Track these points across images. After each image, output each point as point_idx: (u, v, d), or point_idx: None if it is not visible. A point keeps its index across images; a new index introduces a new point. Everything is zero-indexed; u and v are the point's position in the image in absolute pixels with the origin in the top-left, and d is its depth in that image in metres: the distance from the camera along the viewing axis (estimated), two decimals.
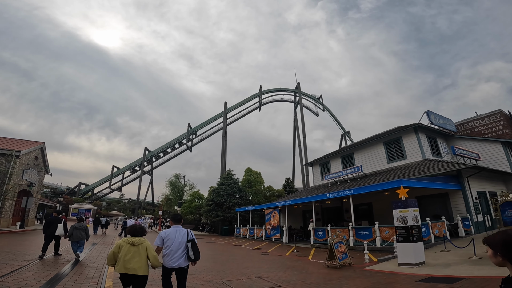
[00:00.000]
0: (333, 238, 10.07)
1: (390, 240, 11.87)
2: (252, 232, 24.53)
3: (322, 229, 16.39)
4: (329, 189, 21.58)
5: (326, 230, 15.75)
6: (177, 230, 4.74)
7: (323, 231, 16.09)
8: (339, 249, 9.51)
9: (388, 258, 10.22)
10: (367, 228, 13.75)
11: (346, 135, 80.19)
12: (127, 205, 74.05)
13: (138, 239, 4.37)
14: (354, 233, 14.24)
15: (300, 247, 16.25)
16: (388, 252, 11.50)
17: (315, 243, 16.39)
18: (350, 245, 13.73)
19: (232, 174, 37.06)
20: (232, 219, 33.02)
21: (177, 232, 4.70)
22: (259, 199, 35.99)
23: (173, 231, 4.68)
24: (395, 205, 9.00)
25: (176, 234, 4.66)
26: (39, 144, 24.91)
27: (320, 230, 16.37)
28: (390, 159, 21.51)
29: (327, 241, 15.05)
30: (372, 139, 23.61)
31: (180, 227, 4.83)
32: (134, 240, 4.32)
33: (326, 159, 28.28)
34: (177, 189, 49.46)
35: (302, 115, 69.84)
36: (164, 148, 70.09)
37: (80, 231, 10.23)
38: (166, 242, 4.57)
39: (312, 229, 16.78)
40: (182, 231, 4.75)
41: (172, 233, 4.65)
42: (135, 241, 4.31)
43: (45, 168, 26.06)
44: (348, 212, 21.46)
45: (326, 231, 15.69)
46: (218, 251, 16.21)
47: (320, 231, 16.35)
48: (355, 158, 24.43)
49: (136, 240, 4.33)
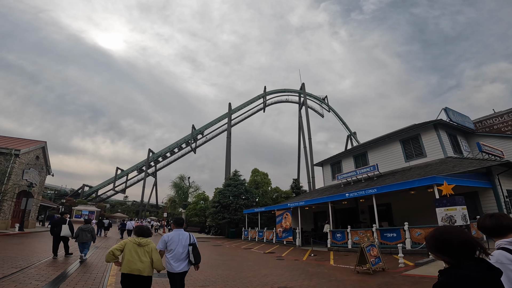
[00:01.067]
0: (364, 241, 8.94)
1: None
2: (262, 235, 23.39)
3: (341, 231, 15.25)
4: (344, 189, 20.47)
5: (345, 232, 14.62)
6: (180, 233, 4.72)
7: (342, 234, 14.96)
8: (371, 253, 8.42)
9: (427, 261, 9.09)
10: (394, 230, 12.61)
11: (352, 136, 78.98)
12: (131, 207, 73.33)
13: (145, 240, 4.32)
14: (379, 235, 13.10)
15: (316, 250, 15.16)
16: (421, 255, 10.36)
17: (333, 246, 15.27)
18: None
19: (239, 175, 36.02)
20: (239, 221, 31.94)
21: (180, 235, 4.68)
22: (266, 200, 34.87)
23: (176, 235, 4.66)
24: (439, 203, 7.92)
25: (179, 238, 4.64)
26: (40, 143, 23.89)
27: (339, 232, 15.24)
28: (408, 158, 20.34)
29: (346, 244, 13.97)
30: (387, 136, 22.49)
31: (182, 231, 4.81)
32: (141, 240, 4.27)
33: (337, 159, 27.16)
34: (181, 191, 48.35)
35: (307, 116, 68.74)
36: (168, 150, 69.27)
37: (86, 232, 10.30)
38: (169, 246, 4.55)
39: (329, 231, 15.65)
40: (185, 235, 4.74)
41: (175, 236, 4.63)
42: (142, 241, 4.27)
43: (47, 168, 25.04)
44: (365, 213, 20.43)
45: (345, 233, 14.57)
46: (228, 255, 15.12)
47: (338, 233, 15.22)
48: (369, 157, 23.28)
49: (143, 240, 4.29)
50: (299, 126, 76.47)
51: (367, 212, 19.97)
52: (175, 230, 4.81)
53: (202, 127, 70.40)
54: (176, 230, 4.78)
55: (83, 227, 10.45)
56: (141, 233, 4.46)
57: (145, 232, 4.51)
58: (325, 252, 14.78)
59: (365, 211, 20.15)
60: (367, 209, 19.96)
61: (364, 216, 20.03)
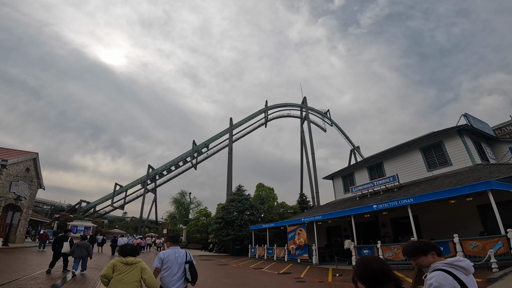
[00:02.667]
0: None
1: (488, 256, 9.05)
2: (271, 253, 21.42)
3: (368, 246, 13.48)
4: (360, 202, 18.83)
5: (375, 248, 12.88)
6: (176, 251, 4.61)
7: (370, 250, 13.19)
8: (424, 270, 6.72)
9: (499, 276, 7.42)
10: (441, 243, 10.86)
11: (356, 150, 77.52)
12: (130, 223, 70.83)
13: (133, 258, 4.16)
14: None
15: (339, 269, 13.31)
16: (479, 269, 8.69)
17: None
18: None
19: (243, 190, 34.25)
20: (244, 238, 29.97)
21: (176, 253, 4.57)
22: (272, 216, 32.94)
23: (172, 252, 4.55)
24: None
25: (176, 256, 4.53)
26: (31, 155, 22.26)
27: (366, 248, 13.46)
28: (430, 167, 18.78)
29: None
30: (406, 145, 21.03)
31: (178, 248, 4.68)
32: (128, 259, 4.12)
33: (349, 171, 25.60)
34: (182, 207, 46.37)
35: (309, 131, 67.66)
36: (168, 166, 67.62)
37: (82, 249, 10.43)
38: (165, 263, 4.41)
39: (354, 247, 13.87)
40: (181, 253, 4.62)
41: (171, 254, 4.53)
42: (130, 260, 4.11)
43: (38, 181, 23.31)
44: (386, 226, 18.66)
45: (375, 249, 12.82)
46: (239, 277, 13.28)
47: (365, 249, 13.45)
48: (385, 168, 21.70)
49: (130, 259, 4.13)
50: (301, 141, 75.21)
51: (389, 226, 18.25)
52: (171, 248, 4.66)
53: (203, 142, 69.09)
54: (172, 248, 4.64)
55: (79, 243, 10.60)
56: (124, 253, 4.18)
57: (129, 251, 4.21)
58: (349, 270, 12.97)
59: (386, 224, 18.41)
60: (389, 222, 18.25)
61: (386, 229, 18.27)
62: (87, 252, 10.59)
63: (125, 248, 4.31)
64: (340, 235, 22.51)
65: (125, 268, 4.04)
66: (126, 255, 4.18)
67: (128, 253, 4.21)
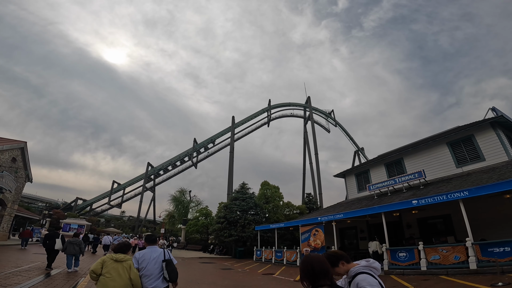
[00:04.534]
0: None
1: None
2: (280, 256, 19.45)
3: (406, 249, 11.51)
4: (380, 201, 16.98)
5: (415, 250, 10.98)
6: (153, 250, 4.46)
7: (408, 252, 11.27)
8: None
9: None
10: (504, 243, 8.98)
11: (360, 152, 75.73)
12: (127, 222, 68.80)
13: (123, 256, 4.18)
14: (479, 252, 9.48)
15: None
16: None
17: (393, 269, 11.55)
18: (469, 267, 9.24)
19: (247, 187, 32.33)
20: (247, 239, 28.03)
21: (152, 252, 4.41)
22: (278, 216, 30.98)
23: (148, 252, 4.41)
24: None
25: (152, 255, 4.37)
26: (19, 143, 20.08)
27: (403, 250, 11.51)
28: (459, 162, 16.94)
29: (417, 265, 10.39)
30: (431, 139, 19.27)
31: (156, 248, 4.58)
32: (118, 256, 4.14)
33: (363, 168, 23.76)
34: (181, 205, 44.38)
35: (313, 131, 65.97)
36: (168, 164, 65.66)
37: (75, 246, 10.68)
38: (141, 263, 4.28)
39: (386, 249, 11.95)
40: (158, 251, 4.48)
41: (147, 254, 4.37)
42: (120, 257, 4.14)
43: (26, 174, 21.27)
44: (412, 227, 16.79)
45: (415, 252, 10.92)
46: (248, 286, 11.33)
47: (402, 251, 11.49)
48: (406, 164, 19.86)
49: (120, 256, 4.15)
50: (304, 141, 73.57)
51: (415, 227, 16.41)
52: (148, 247, 4.56)
53: (204, 140, 67.24)
54: (149, 247, 4.54)
55: (72, 240, 10.88)
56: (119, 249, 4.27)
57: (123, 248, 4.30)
58: (381, 276, 10.98)
59: (412, 225, 16.54)
60: (415, 223, 16.39)
61: (412, 231, 16.40)
62: (79, 249, 10.83)
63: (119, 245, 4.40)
64: (356, 237, 20.63)
65: (115, 265, 4.03)
66: (119, 252, 4.23)
67: (119, 250, 4.26)
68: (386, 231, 12.59)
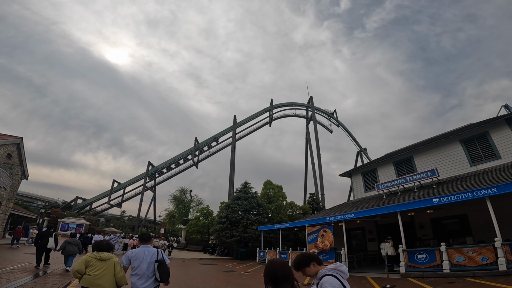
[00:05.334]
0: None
1: None
2: (286, 257, 18.67)
3: (426, 250, 10.72)
4: (390, 200, 16.22)
5: (436, 251, 10.21)
6: (146, 250, 4.39)
7: (429, 254, 10.47)
8: None
9: None
10: None
11: (363, 152, 74.85)
12: (127, 222, 68.09)
13: (107, 254, 4.22)
14: (509, 252, 8.74)
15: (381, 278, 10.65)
16: None
17: (411, 271, 10.76)
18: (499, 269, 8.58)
19: (250, 187, 31.56)
20: (250, 240, 27.26)
21: (145, 252, 4.35)
22: (281, 216, 30.21)
23: (141, 251, 4.34)
24: None
25: (145, 254, 4.31)
26: (14, 139, 19.27)
27: (422, 251, 10.70)
28: (474, 161, 16.17)
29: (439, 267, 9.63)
30: (443, 137, 18.52)
31: (149, 247, 4.49)
32: (102, 255, 4.16)
33: (370, 167, 22.98)
34: (182, 205, 43.63)
35: (315, 131, 65.20)
36: (169, 163, 64.92)
37: (73, 245, 10.80)
38: (133, 262, 4.25)
39: (403, 251, 11.16)
40: (152, 251, 4.42)
41: (140, 253, 4.32)
42: (104, 256, 4.16)
43: (22, 170, 20.49)
44: (425, 228, 16.02)
45: (436, 253, 10.15)
46: None
47: (422, 253, 10.69)
48: (416, 163, 19.10)
49: (104, 255, 4.17)
50: (306, 141, 72.75)
51: (428, 227, 15.65)
52: (142, 246, 4.50)
53: (208, 139, 66.56)
54: (143, 246, 4.48)
55: (70, 240, 11.01)
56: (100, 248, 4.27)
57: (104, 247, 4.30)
58: (398, 280, 10.31)
59: (425, 225, 15.77)
60: (429, 223, 15.62)
61: (424, 231, 15.63)
62: (78, 248, 11.01)
63: (100, 243, 4.36)
64: (364, 238, 19.88)
65: (100, 264, 4.05)
66: (100, 250, 4.23)
67: (103, 249, 4.26)
68: (402, 232, 11.81)
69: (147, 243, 4.54)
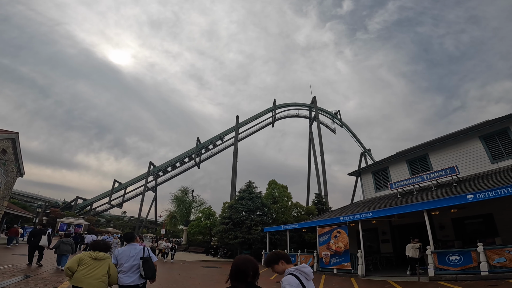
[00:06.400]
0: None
1: None
2: (294, 260, 17.66)
3: (461, 251, 9.65)
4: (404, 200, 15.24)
5: (472, 252, 9.19)
6: (132, 248, 4.56)
7: (463, 255, 9.44)
8: None
9: None
10: None
11: (367, 153, 73.65)
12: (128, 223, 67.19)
13: (102, 254, 4.22)
14: None
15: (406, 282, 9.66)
16: None
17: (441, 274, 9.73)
18: None
19: (254, 186, 30.60)
20: (254, 242, 26.27)
21: (131, 250, 4.51)
22: (286, 217, 29.21)
23: (127, 249, 4.52)
24: None
25: (130, 252, 4.46)
26: (9, 134, 18.31)
27: (456, 253, 9.66)
28: (495, 158, 15.19)
29: (476, 268, 8.64)
30: (461, 133, 17.56)
31: (136, 245, 4.65)
32: (97, 254, 4.16)
33: (381, 166, 21.97)
34: (184, 205, 42.65)
35: (319, 131, 64.29)
36: (171, 163, 64.06)
37: (67, 245, 10.87)
38: (119, 259, 4.41)
39: (432, 253, 10.15)
40: (137, 249, 4.56)
41: (125, 251, 4.49)
42: (99, 255, 4.15)
43: (18, 167, 19.56)
44: (445, 228, 14.99)
45: (472, 255, 9.13)
46: None
47: (455, 254, 9.66)
48: (431, 161, 18.12)
49: (99, 255, 4.17)
50: (309, 142, 71.80)
51: (449, 228, 14.63)
52: (128, 245, 4.65)
53: (208, 140, 65.75)
54: (129, 245, 4.62)
55: (64, 239, 11.07)
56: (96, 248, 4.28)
57: (101, 247, 4.32)
58: (427, 284, 9.33)
59: (445, 226, 14.75)
60: (450, 223, 14.62)
61: (445, 232, 14.61)
62: (71, 248, 11.10)
63: (97, 243, 4.38)
64: (377, 240, 18.87)
65: (93, 263, 4.05)
66: (97, 250, 4.24)
67: (99, 248, 4.26)
68: (430, 232, 10.82)
69: (131, 242, 4.70)
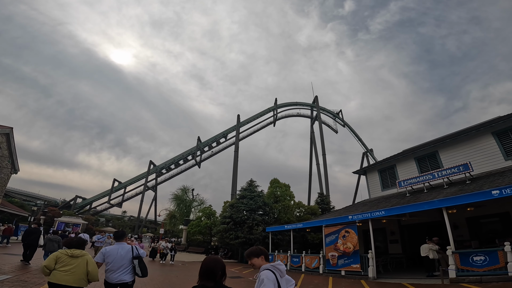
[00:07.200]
0: None
1: None
2: (298, 261, 16.94)
3: (486, 251, 8.88)
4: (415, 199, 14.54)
5: (498, 252, 8.48)
6: (120, 247, 4.54)
7: (489, 255, 8.69)
8: None
9: None
10: None
11: (369, 153, 72.95)
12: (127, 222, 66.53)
13: (79, 251, 4.20)
14: None
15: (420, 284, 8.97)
16: None
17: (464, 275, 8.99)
18: None
19: (256, 185, 29.90)
20: (255, 242, 25.57)
21: (119, 249, 4.50)
22: (289, 216, 28.50)
23: (115, 248, 4.50)
24: None
25: (118, 251, 4.46)
26: (3, 128, 17.37)
27: (481, 253, 8.90)
28: (508, 154, 14.48)
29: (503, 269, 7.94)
30: (473, 129, 16.84)
31: (124, 244, 4.63)
32: (74, 252, 4.13)
33: (388, 163, 21.24)
34: (183, 204, 41.95)
35: (321, 131, 63.58)
36: (171, 162, 63.39)
37: (54, 243, 10.93)
38: (107, 258, 4.38)
39: (453, 253, 9.41)
40: (126, 248, 4.56)
41: (113, 250, 4.47)
42: (76, 253, 4.12)
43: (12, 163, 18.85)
44: (459, 228, 14.24)
45: (500, 254, 8.42)
46: None
47: (479, 255, 8.90)
48: (442, 158, 17.43)
49: (76, 252, 4.14)
50: (311, 141, 71.18)
51: (464, 227, 13.92)
52: (116, 243, 4.63)
53: (209, 139, 65.13)
54: (117, 244, 4.61)
55: (51, 237, 11.11)
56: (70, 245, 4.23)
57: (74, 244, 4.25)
58: (449, 286, 8.63)
59: (460, 225, 14.01)
60: (465, 222, 13.91)
61: (459, 231, 13.87)
62: (58, 246, 10.85)
63: (71, 240, 4.38)
64: (385, 240, 18.15)
65: (70, 260, 4.02)
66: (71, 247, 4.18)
67: (74, 246, 4.21)
68: (450, 232, 10.08)
69: (121, 240, 4.68)
